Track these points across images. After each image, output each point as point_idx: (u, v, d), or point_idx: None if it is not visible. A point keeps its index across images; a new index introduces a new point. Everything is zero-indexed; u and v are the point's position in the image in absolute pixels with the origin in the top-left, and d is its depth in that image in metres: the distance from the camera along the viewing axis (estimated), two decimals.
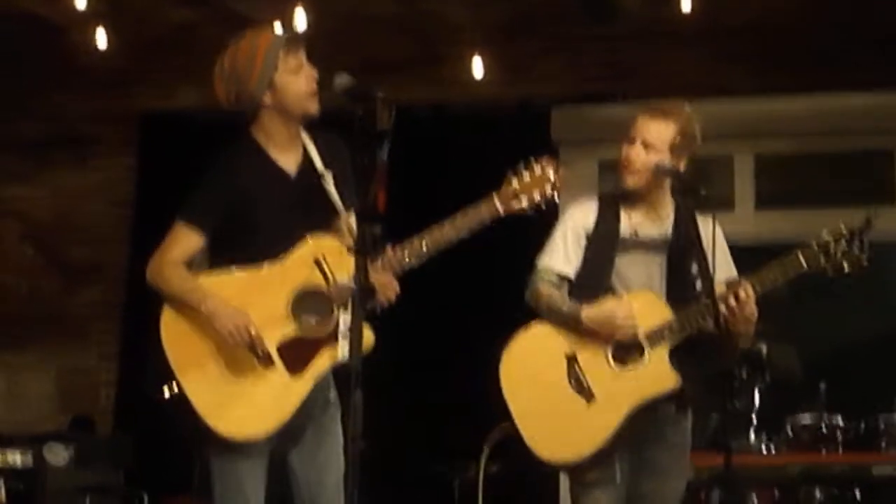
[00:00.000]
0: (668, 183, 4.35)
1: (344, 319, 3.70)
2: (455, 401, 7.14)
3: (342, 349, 3.69)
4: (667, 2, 7.15)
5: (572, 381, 4.17)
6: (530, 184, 3.98)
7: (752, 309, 4.13)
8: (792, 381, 6.56)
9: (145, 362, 3.82)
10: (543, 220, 4.18)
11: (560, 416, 4.16)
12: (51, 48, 8.09)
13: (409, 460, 7.03)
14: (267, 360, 3.79)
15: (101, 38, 7.64)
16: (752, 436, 6.31)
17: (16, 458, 6.82)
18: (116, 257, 8.26)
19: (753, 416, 6.35)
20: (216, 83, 3.95)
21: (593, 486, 4.18)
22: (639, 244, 4.32)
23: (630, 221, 4.33)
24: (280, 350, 3.80)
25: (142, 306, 3.91)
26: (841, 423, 6.22)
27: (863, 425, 6.28)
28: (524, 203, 3.97)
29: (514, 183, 3.97)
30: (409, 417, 7.03)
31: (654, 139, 4.27)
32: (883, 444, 6.15)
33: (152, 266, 3.90)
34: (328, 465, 3.91)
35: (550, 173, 3.99)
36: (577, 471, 4.21)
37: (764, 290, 4.15)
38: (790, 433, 6.26)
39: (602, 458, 4.15)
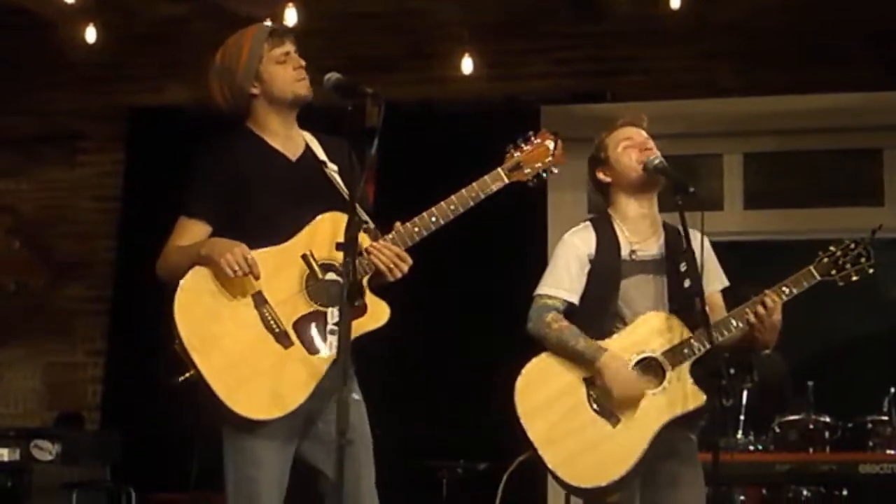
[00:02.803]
0: (655, 198, 4.35)
1: (331, 313, 3.68)
2: (447, 398, 7.15)
3: (331, 345, 3.67)
4: (655, 1, 7.15)
5: (593, 404, 4.12)
6: (531, 154, 4.02)
7: (778, 316, 4.14)
8: (782, 385, 6.55)
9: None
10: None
11: (585, 441, 4.09)
12: (39, 43, 8.07)
13: (398, 456, 7.02)
14: (284, 339, 3.74)
15: (90, 34, 7.63)
16: (740, 434, 6.32)
17: (2, 453, 6.82)
18: (104, 252, 8.25)
19: (741, 414, 6.36)
20: (210, 83, 3.96)
21: None
22: (639, 265, 4.26)
23: (627, 242, 4.28)
24: (296, 327, 3.76)
25: (129, 302, 3.88)
26: (828, 421, 6.25)
27: (850, 424, 6.30)
28: (527, 172, 3.99)
29: (516, 155, 4.00)
30: (401, 413, 7.02)
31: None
32: (870, 444, 6.17)
33: (159, 259, 3.89)
34: (363, 464, 3.83)
35: (550, 144, 4.03)
36: (600, 494, 4.08)
37: (785, 300, 4.17)
38: (778, 432, 6.28)
39: (627, 480, 4.07)
